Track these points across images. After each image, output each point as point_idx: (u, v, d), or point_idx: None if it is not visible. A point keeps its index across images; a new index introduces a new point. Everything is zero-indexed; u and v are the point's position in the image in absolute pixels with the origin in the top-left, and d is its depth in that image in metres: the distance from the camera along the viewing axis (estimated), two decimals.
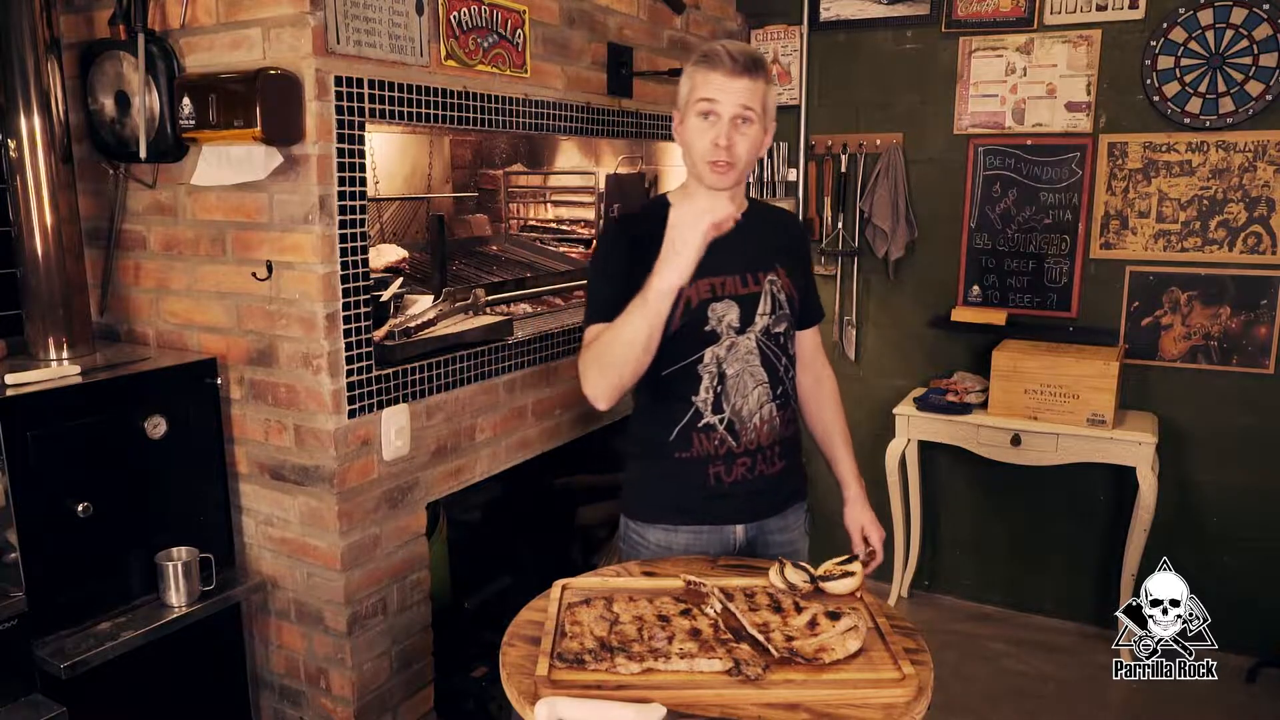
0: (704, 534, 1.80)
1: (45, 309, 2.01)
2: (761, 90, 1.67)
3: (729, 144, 1.65)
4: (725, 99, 1.64)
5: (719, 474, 1.76)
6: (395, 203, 3.09)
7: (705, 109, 1.66)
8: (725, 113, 1.65)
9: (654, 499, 1.83)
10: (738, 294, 1.75)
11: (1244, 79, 2.97)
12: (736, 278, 1.75)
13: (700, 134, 1.67)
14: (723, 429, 1.75)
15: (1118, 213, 3.21)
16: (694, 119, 1.68)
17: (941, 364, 3.54)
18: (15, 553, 1.75)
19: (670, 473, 1.79)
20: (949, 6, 3.33)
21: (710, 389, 1.74)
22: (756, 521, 1.82)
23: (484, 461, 2.43)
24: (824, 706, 1.22)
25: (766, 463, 1.79)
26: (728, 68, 1.64)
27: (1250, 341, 3.09)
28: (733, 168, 1.68)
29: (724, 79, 1.64)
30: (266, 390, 2.07)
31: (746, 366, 1.75)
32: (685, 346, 1.72)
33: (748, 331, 1.75)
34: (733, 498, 1.78)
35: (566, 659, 1.27)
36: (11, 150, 1.95)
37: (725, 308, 1.73)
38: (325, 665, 2.13)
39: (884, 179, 3.48)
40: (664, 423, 1.77)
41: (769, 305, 1.77)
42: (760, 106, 1.67)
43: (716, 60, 1.65)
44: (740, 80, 1.64)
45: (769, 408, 1.77)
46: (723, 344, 1.74)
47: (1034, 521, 3.50)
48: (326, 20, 1.86)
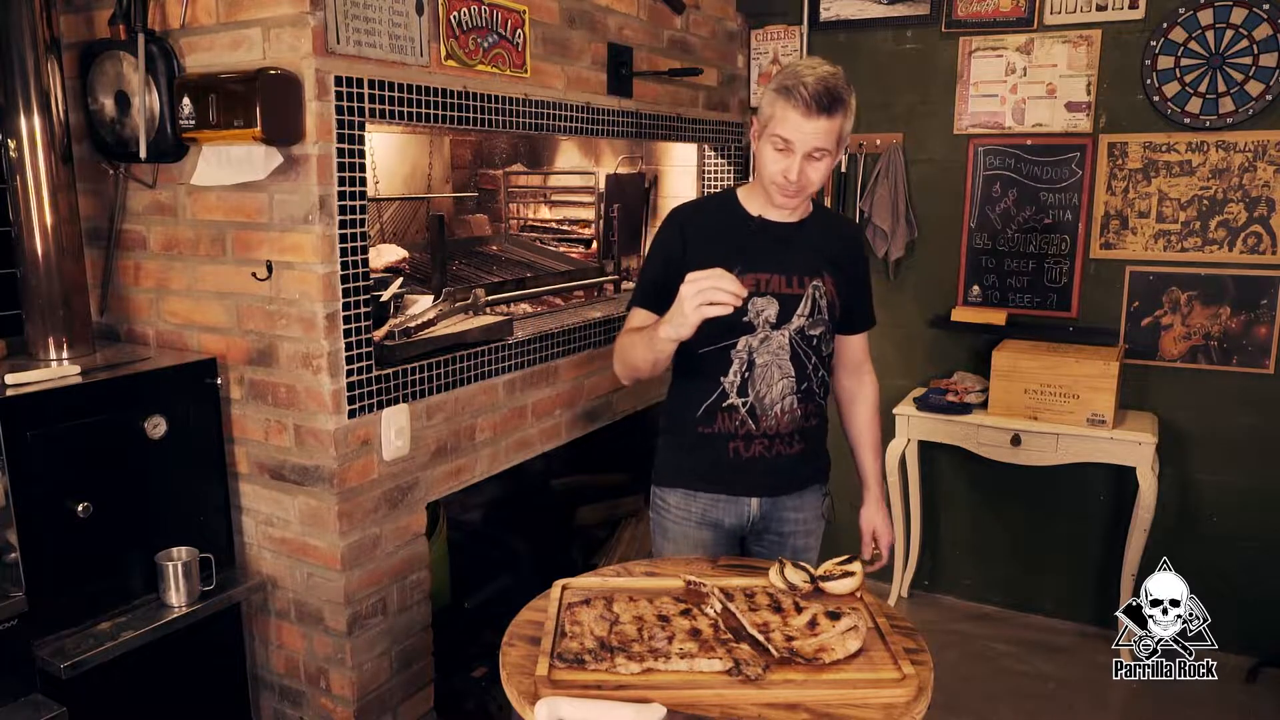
0: (721, 502, 1.91)
1: (45, 309, 2.01)
2: (839, 126, 1.71)
3: (800, 178, 1.72)
4: (800, 139, 1.68)
5: (738, 449, 1.87)
6: (395, 203, 3.09)
7: (779, 143, 1.71)
8: (799, 150, 1.70)
9: (677, 466, 1.95)
10: (780, 292, 1.83)
11: (1244, 79, 2.97)
12: (782, 277, 1.83)
13: (772, 161, 1.73)
14: (744, 411, 1.85)
15: (1118, 213, 3.21)
16: (768, 147, 1.73)
17: (941, 364, 3.54)
18: (15, 553, 1.75)
19: (693, 444, 1.90)
20: (949, 6, 3.33)
21: (739, 373, 1.84)
22: (772, 497, 1.92)
23: (484, 461, 2.43)
24: (824, 706, 1.22)
25: (785, 444, 1.88)
26: (807, 109, 1.66)
27: (1250, 341, 3.09)
28: (799, 194, 1.77)
29: (800, 119, 1.67)
30: (266, 390, 2.07)
31: (776, 359, 1.84)
32: (723, 331, 1.79)
33: (783, 328, 1.84)
34: (750, 472, 1.88)
35: (566, 659, 1.27)
36: (11, 150, 1.95)
37: (766, 303, 1.82)
38: (325, 665, 2.13)
39: (884, 179, 3.48)
40: (693, 399, 1.88)
41: (808, 308, 1.85)
42: (835, 141, 1.72)
43: (794, 98, 1.66)
44: (817, 121, 1.67)
45: (791, 399, 1.86)
46: (757, 335, 1.83)
47: (1034, 521, 3.50)
48: (326, 20, 1.86)
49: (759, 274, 1.82)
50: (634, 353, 1.78)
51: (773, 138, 1.72)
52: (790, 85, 1.68)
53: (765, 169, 1.76)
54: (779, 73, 1.76)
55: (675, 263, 1.79)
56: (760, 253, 1.84)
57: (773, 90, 1.73)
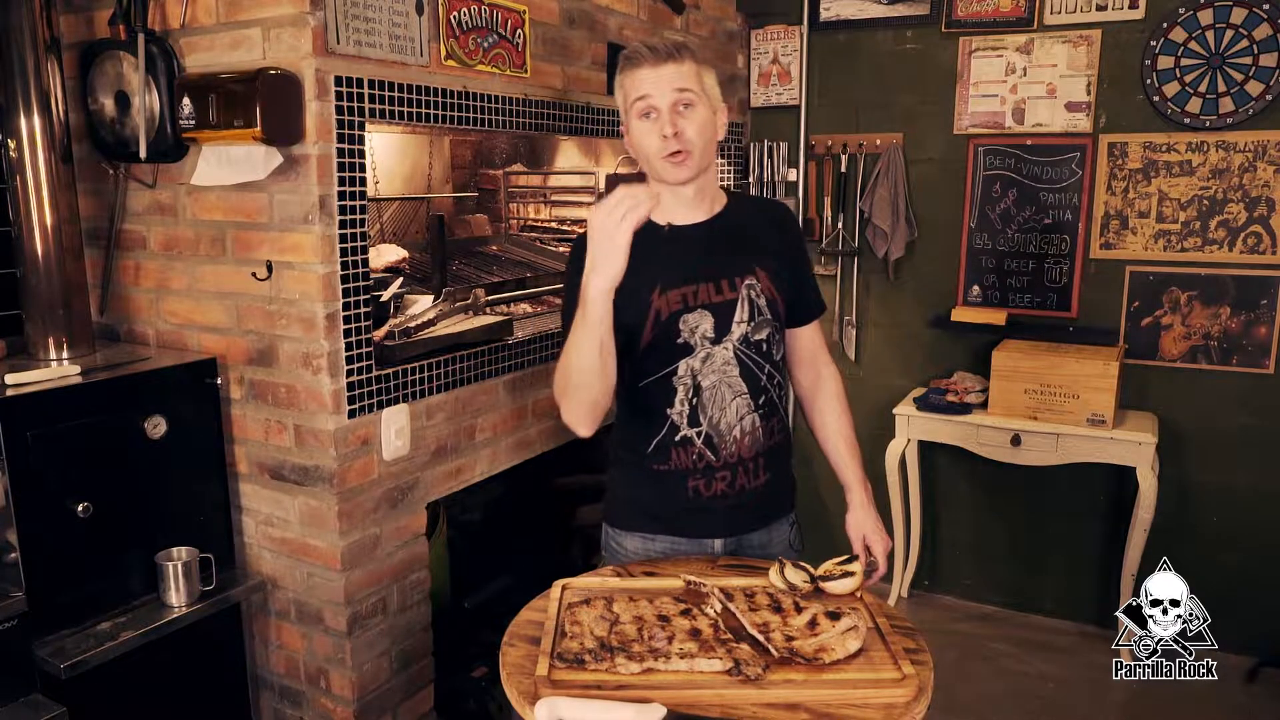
0: (681, 545, 1.75)
1: (45, 309, 2.01)
2: (693, 71, 1.63)
3: (676, 131, 1.60)
4: (657, 89, 1.61)
5: (698, 488, 1.70)
6: (395, 203, 3.09)
7: (643, 108, 1.62)
8: (663, 104, 1.61)
9: (632, 507, 1.79)
10: (711, 303, 1.66)
11: (1244, 79, 2.97)
12: (710, 285, 1.67)
13: (646, 134, 1.63)
14: (700, 443, 1.68)
15: (1118, 213, 3.21)
16: (636, 122, 1.64)
17: (941, 364, 3.54)
18: (15, 553, 1.75)
19: (648, 483, 1.73)
20: (949, 6, 3.33)
21: (685, 401, 1.67)
22: (736, 536, 1.76)
23: (484, 461, 2.43)
24: (824, 706, 1.22)
25: (749, 475, 1.72)
26: (649, 59, 1.61)
27: (1250, 341, 3.09)
28: (688, 154, 1.62)
29: (649, 71, 1.61)
30: (266, 390, 2.07)
31: (724, 378, 1.67)
32: (658, 359, 1.67)
33: (724, 341, 1.67)
34: (712, 512, 1.72)
35: (566, 659, 1.27)
36: (11, 150, 1.95)
37: (698, 318, 1.66)
38: (325, 665, 2.13)
39: (884, 179, 3.48)
40: (641, 435, 1.71)
41: (747, 312, 1.68)
42: (698, 86, 1.63)
43: (638, 57, 1.62)
44: (666, 67, 1.61)
45: (750, 419, 1.69)
46: (697, 355, 1.66)
47: (1034, 521, 3.50)
48: (326, 20, 1.86)
49: (683, 287, 1.65)
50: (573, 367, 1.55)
51: (635, 105, 1.63)
52: (629, 53, 1.65)
53: (644, 147, 1.64)
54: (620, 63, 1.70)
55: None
56: (679, 264, 1.66)
57: (619, 75, 1.67)
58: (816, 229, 3.65)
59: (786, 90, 3.63)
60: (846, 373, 3.62)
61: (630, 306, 1.62)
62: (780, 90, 3.65)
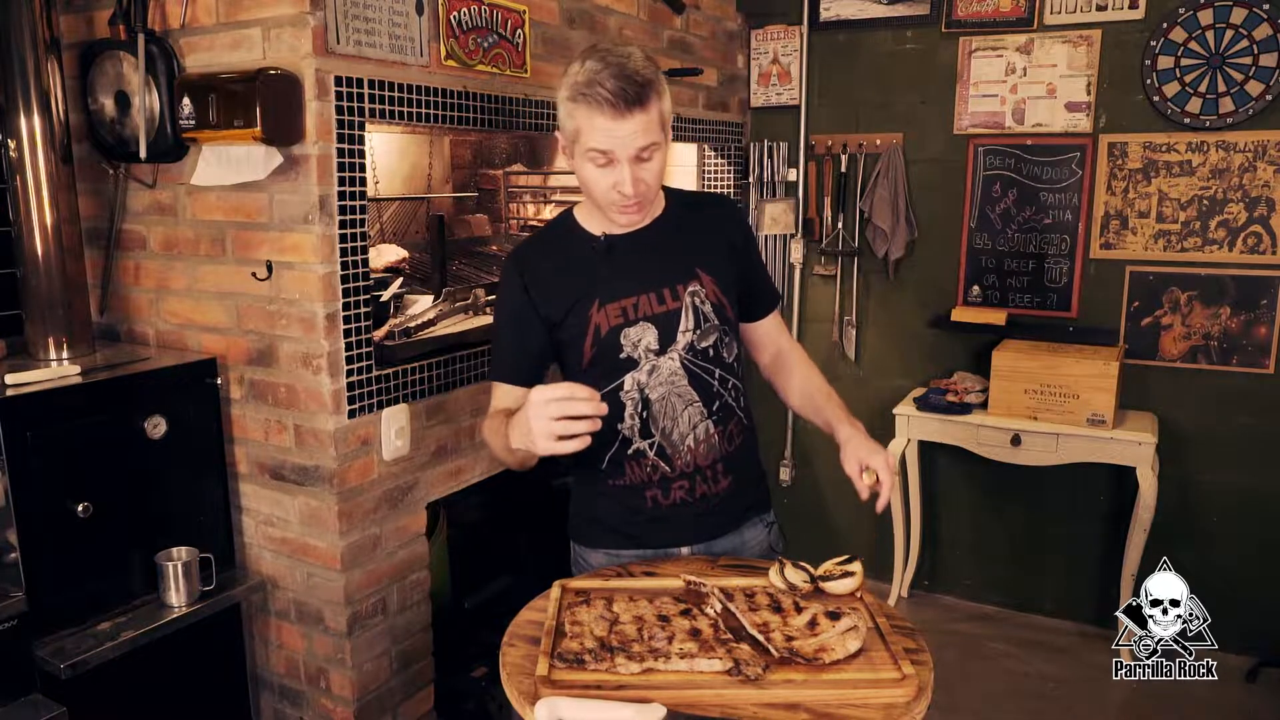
0: (648, 557, 1.69)
1: (45, 309, 2.01)
2: (656, 115, 1.47)
3: (634, 186, 1.48)
4: (619, 145, 1.45)
5: (656, 498, 1.65)
6: (395, 203, 3.09)
7: (600, 159, 1.48)
8: (623, 157, 1.46)
9: (594, 524, 1.74)
10: (653, 314, 1.59)
11: (1244, 79, 2.97)
12: (651, 295, 1.60)
13: (599, 178, 1.50)
14: (653, 454, 1.63)
15: (1118, 213, 3.21)
16: (587, 165, 1.49)
17: (941, 364, 3.53)
18: (15, 553, 1.75)
19: (606, 499, 1.69)
20: (949, 6, 3.33)
21: (635, 415, 1.61)
22: (704, 542, 1.70)
23: (484, 461, 2.43)
24: (824, 706, 1.22)
25: (708, 482, 1.66)
26: (611, 109, 1.42)
27: (1250, 341, 3.09)
28: (642, 203, 1.53)
29: (612, 124, 1.43)
30: (266, 390, 2.07)
31: (672, 389, 1.61)
32: (602, 376, 1.59)
33: (669, 352, 1.60)
34: (673, 520, 1.67)
35: (566, 659, 1.27)
36: (11, 150, 1.95)
37: (640, 331, 1.59)
38: (325, 665, 2.13)
39: (884, 179, 3.48)
40: (594, 451, 1.58)
41: (692, 320, 1.61)
42: (660, 133, 1.49)
43: (596, 101, 1.42)
44: (632, 119, 1.43)
45: (704, 427, 1.63)
46: (642, 369, 1.60)
47: (1034, 521, 3.50)
48: (326, 20, 1.86)
49: (623, 300, 1.58)
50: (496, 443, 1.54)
51: (589, 153, 1.47)
52: (585, 90, 1.43)
53: (593, 190, 1.51)
54: (567, 75, 1.48)
55: (526, 317, 1.59)
56: (616, 276, 1.59)
57: (567, 99, 1.47)
58: (816, 229, 3.65)
59: (786, 90, 3.63)
60: (846, 373, 3.65)
61: (570, 323, 1.59)
62: (780, 90, 3.65)
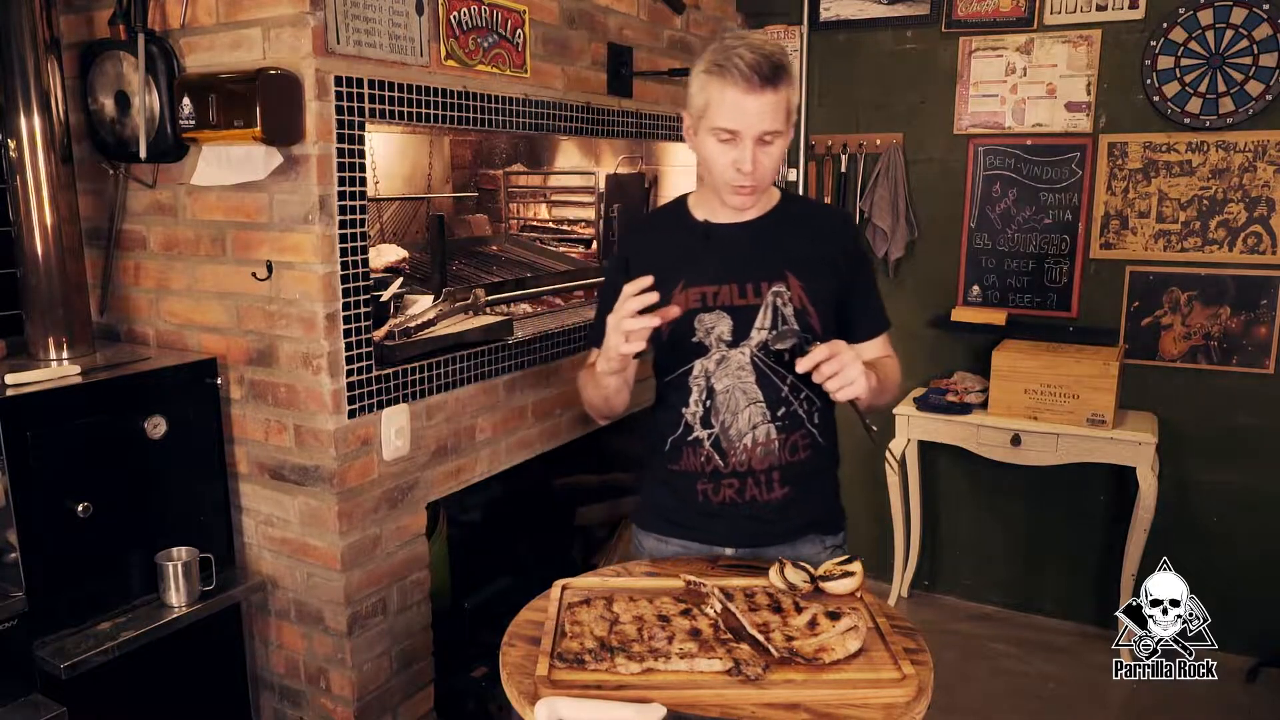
0: (693, 549, 1.72)
1: (45, 309, 2.01)
2: (785, 100, 1.50)
3: (753, 167, 1.51)
4: (746, 123, 1.49)
5: (706, 492, 1.67)
6: (395, 203, 3.09)
7: (724, 136, 1.51)
8: (747, 135, 1.50)
9: (649, 507, 1.80)
10: (731, 305, 1.61)
11: (1244, 79, 2.97)
12: (733, 286, 1.62)
13: (720, 155, 1.53)
14: (709, 445, 1.65)
15: (1118, 213, 3.21)
16: (710, 140, 1.53)
17: (941, 364, 3.53)
18: (15, 553, 1.75)
19: (664, 482, 1.74)
20: (949, 6, 3.33)
21: (699, 403, 1.64)
22: (752, 548, 1.69)
23: (484, 461, 2.43)
24: (824, 706, 1.22)
25: (760, 488, 1.65)
26: (746, 85, 1.46)
27: (1250, 341, 3.09)
28: (757, 188, 1.57)
29: (741, 97, 1.47)
30: (266, 390, 2.07)
31: (738, 383, 1.62)
32: (676, 357, 1.65)
33: (741, 346, 1.62)
34: (723, 518, 1.68)
35: (566, 659, 1.27)
36: (11, 150, 1.95)
37: (715, 319, 1.62)
38: (325, 665, 2.13)
39: (884, 179, 3.48)
40: (661, 432, 1.72)
41: (769, 319, 1.61)
42: (785, 121, 1.52)
43: (733, 74, 1.46)
44: (763, 97, 1.47)
45: (765, 429, 1.63)
46: (711, 357, 1.63)
47: (1034, 521, 3.50)
48: (326, 20, 1.86)
49: (704, 287, 1.61)
50: (586, 390, 1.70)
51: (714, 130, 1.50)
52: (723, 62, 1.46)
53: (713, 167, 1.55)
54: (705, 54, 1.52)
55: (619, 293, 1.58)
56: (706, 263, 1.62)
57: (702, 73, 1.51)
58: None
59: None
60: None
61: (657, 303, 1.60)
62: None
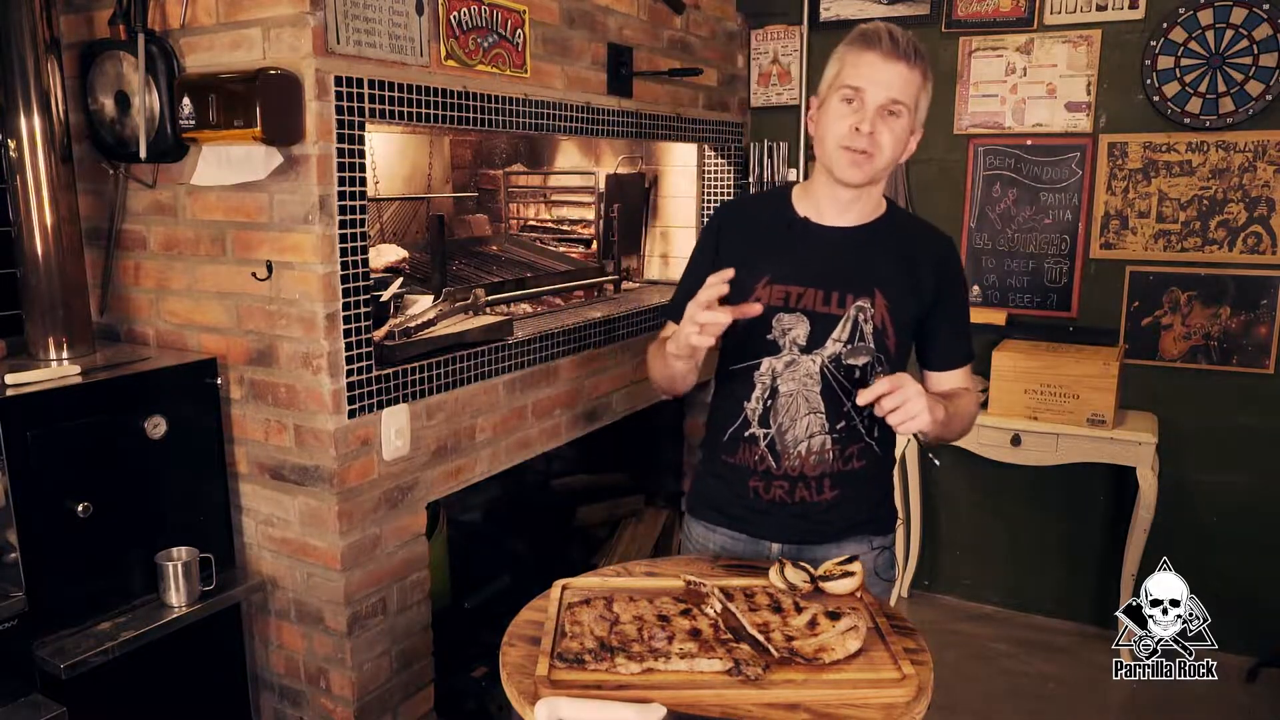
0: (740, 541, 1.72)
1: (45, 309, 2.01)
2: (917, 83, 1.52)
3: (872, 130, 1.49)
4: (875, 86, 1.49)
5: (758, 489, 1.66)
6: (395, 203, 3.09)
7: (850, 95, 1.51)
8: (872, 100, 1.49)
9: (701, 494, 1.80)
10: (813, 310, 1.59)
11: (1244, 79, 2.97)
12: (819, 293, 1.59)
13: (840, 117, 1.52)
14: (764, 445, 1.64)
15: (1118, 213, 3.21)
16: (836, 102, 1.52)
17: None
18: (15, 553, 1.75)
19: (718, 473, 1.73)
20: (949, 6, 3.33)
21: (761, 400, 1.63)
22: (799, 545, 1.68)
23: (484, 461, 2.43)
24: (824, 706, 1.22)
25: (810, 490, 1.64)
26: (884, 49, 1.48)
27: (1250, 341, 3.09)
28: (870, 160, 1.52)
29: (879, 60, 1.49)
30: (266, 390, 2.07)
31: (802, 389, 1.60)
32: (746, 348, 1.62)
33: (814, 353, 1.59)
34: (772, 515, 1.67)
35: (566, 659, 1.27)
36: (11, 150, 1.95)
37: (794, 320, 1.59)
38: (325, 665, 2.13)
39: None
40: (720, 423, 1.71)
41: (848, 332, 1.58)
42: (912, 102, 1.52)
43: (874, 40, 1.49)
44: (897, 65, 1.49)
45: (822, 440, 1.61)
46: (781, 358, 1.60)
47: (1034, 521, 3.50)
48: (326, 20, 1.86)
49: (789, 286, 1.58)
50: (653, 365, 1.68)
51: (842, 89, 1.51)
52: (867, 31, 1.51)
53: (831, 129, 1.52)
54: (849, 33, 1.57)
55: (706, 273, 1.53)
56: (796, 261, 1.60)
57: (843, 45, 1.55)
58: None
59: (786, 90, 3.63)
60: None
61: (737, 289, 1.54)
62: (780, 90, 3.65)
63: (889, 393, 1.41)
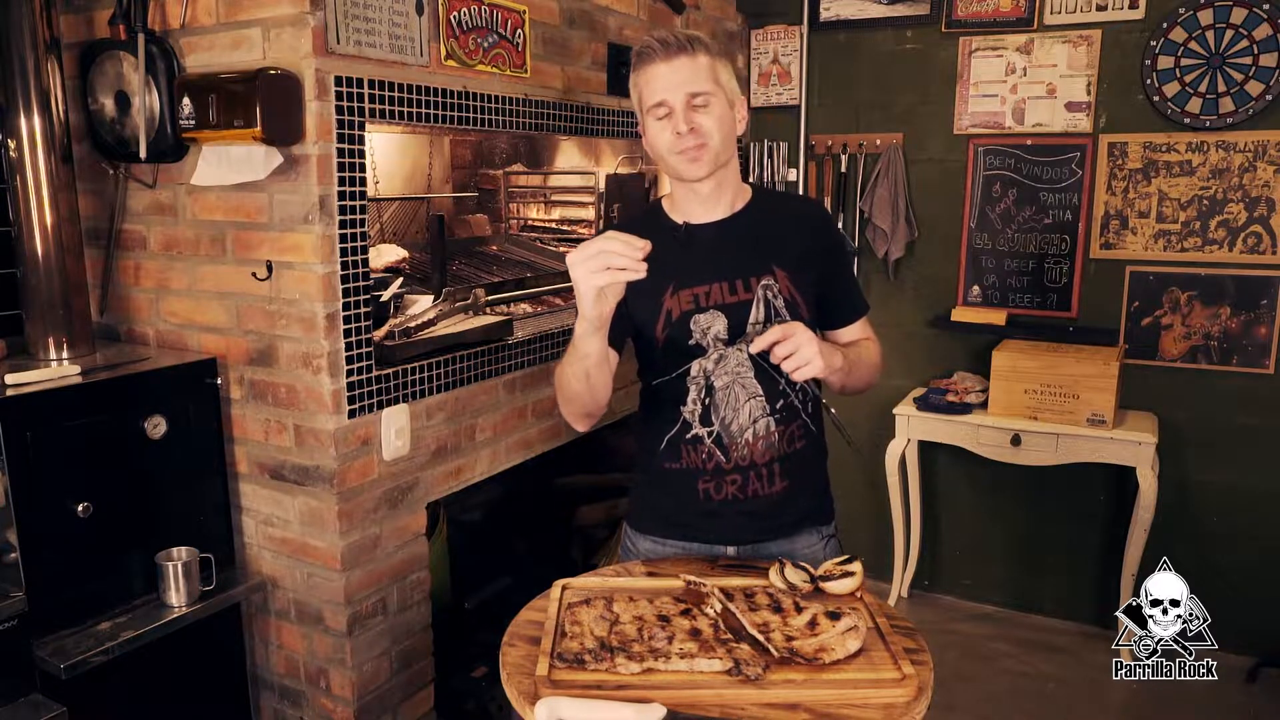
0: (693, 550, 1.72)
1: (45, 309, 2.01)
2: (707, 65, 1.57)
3: (691, 126, 1.56)
4: (671, 90, 1.55)
5: (708, 490, 1.67)
6: (395, 203, 3.09)
7: (658, 111, 1.58)
8: (677, 104, 1.56)
9: (646, 509, 1.78)
10: (724, 303, 1.63)
11: (1244, 79, 2.97)
12: (724, 285, 1.63)
13: (661, 131, 1.59)
14: (710, 442, 1.65)
15: (1118, 213, 3.21)
16: (652, 122, 1.60)
17: (941, 364, 3.53)
18: (15, 553, 1.75)
19: (661, 483, 1.72)
20: (949, 6, 3.33)
21: (698, 401, 1.65)
22: (752, 544, 1.70)
23: (484, 461, 2.43)
24: (824, 706, 1.22)
25: (761, 481, 1.66)
26: (661, 55, 1.55)
27: (1250, 341, 3.09)
28: (705, 149, 1.57)
29: (662, 67, 1.56)
30: (266, 390, 2.07)
31: (737, 379, 1.63)
32: (671, 360, 1.65)
33: (738, 343, 1.63)
34: (723, 516, 1.68)
35: (566, 659, 1.27)
36: (11, 150, 1.95)
37: (710, 319, 1.63)
38: (325, 665, 2.13)
39: (884, 179, 3.48)
40: (655, 432, 1.71)
41: (762, 312, 1.62)
42: (712, 84, 1.57)
43: (649, 53, 1.57)
44: (678, 60, 1.55)
45: (765, 423, 1.64)
46: (710, 357, 1.63)
47: (1034, 521, 3.50)
48: (326, 20, 1.86)
49: (695, 288, 1.62)
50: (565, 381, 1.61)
51: (651, 110, 1.58)
52: (640, 50, 1.58)
53: (658, 144, 1.60)
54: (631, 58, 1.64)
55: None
56: (693, 263, 1.63)
57: (632, 71, 1.62)
58: None
59: (786, 90, 3.63)
60: None
61: (644, 306, 1.63)
62: (780, 90, 3.65)
63: (781, 340, 1.46)
